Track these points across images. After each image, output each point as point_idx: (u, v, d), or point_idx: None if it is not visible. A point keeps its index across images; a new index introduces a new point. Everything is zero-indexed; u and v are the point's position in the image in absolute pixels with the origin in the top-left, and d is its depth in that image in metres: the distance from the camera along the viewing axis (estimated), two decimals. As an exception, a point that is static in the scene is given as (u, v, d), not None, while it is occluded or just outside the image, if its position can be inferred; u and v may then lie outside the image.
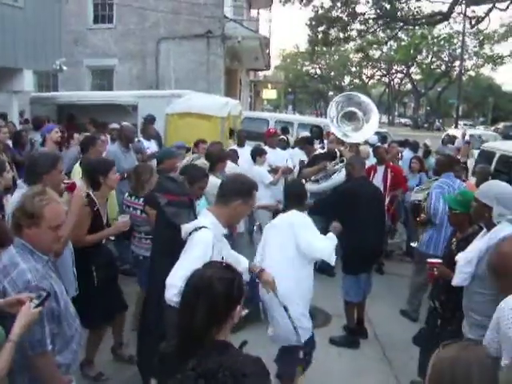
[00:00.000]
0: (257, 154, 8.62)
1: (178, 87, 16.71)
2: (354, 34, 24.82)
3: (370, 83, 68.72)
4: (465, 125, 53.48)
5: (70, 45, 20.05)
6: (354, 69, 63.20)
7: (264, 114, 19.73)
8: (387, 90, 63.92)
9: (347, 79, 67.20)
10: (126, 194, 6.08)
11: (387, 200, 8.68)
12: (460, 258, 4.01)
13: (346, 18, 22.97)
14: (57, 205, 3.10)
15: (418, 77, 59.66)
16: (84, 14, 20.93)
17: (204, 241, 3.48)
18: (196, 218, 4.08)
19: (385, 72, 60.92)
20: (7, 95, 13.56)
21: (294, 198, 5.19)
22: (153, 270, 4.71)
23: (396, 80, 63.88)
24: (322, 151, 9.49)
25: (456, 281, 3.99)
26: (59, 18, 14.84)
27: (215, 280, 2.32)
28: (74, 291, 4.50)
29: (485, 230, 4.00)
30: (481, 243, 3.85)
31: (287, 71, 68.29)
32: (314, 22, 23.64)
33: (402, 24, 24.01)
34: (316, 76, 67.63)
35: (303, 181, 8.16)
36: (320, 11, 23.35)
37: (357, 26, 24.06)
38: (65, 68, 14.87)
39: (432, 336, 4.72)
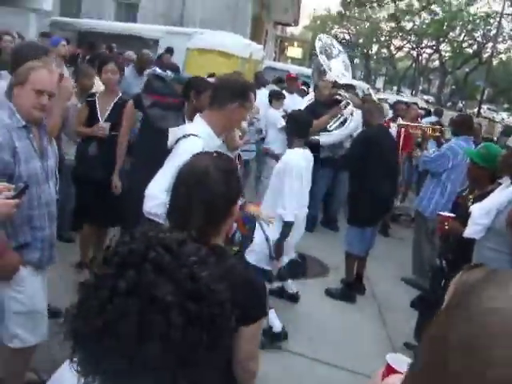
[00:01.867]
0: (274, 97, 8.34)
1: (204, 29, 16.26)
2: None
3: (397, 55, 67.53)
4: (488, 109, 52.69)
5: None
6: (383, 38, 61.87)
7: (286, 66, 19.24)
8: (414, 64, 62.70)
9: (375, 48, 65.94)
10: None
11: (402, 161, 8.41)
12: (475, 208, 3.69)
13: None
14: (46, 72, 3.06)
15: (447, 54, 58.44)
16: None
17: (191, 150, 2.69)
18: (185, 122, 3.77)
19: (414, 45, 59.65)
20: (24, 14, 13.08)
21: (293, 127, 4.96)
22: (133, 182, 4.37)
23: (424, 55, 62.65)
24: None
25: (468, 232, 3.68)
26: None
27: (212, 169, 2.01)
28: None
29: (508, 182, 3.68)
30: (503, 194, 3.54)
31: (315, 32, 67.17)
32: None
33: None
34: (344, 41, 66.47)
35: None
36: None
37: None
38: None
39: (434, 298, 4.46)
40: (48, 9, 13.17)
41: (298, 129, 4.95)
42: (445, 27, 49.58)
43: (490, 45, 45.84)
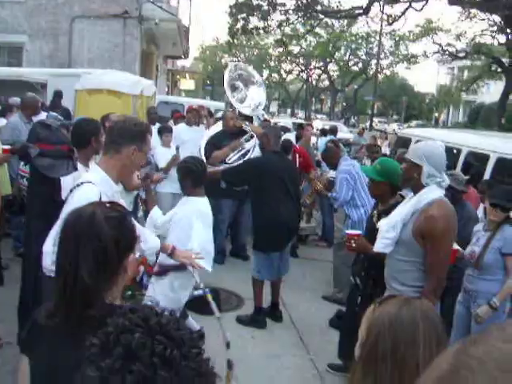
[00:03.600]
0: (162, 133, 8.27)
1: (92, 68, 15.96)
2: (273, 24, 24.69)
3: (288, 79, 69.24)
4: (379, 122, 54.93)
5: (-25, 19, 18.87)
6: (272, 63, 63.37)
7: (179, 99, 19.24)
8: (305, 85, 64.45)
9: (265, 73, 67.34)
10: (21, 164, 5.56)
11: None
12: (382, 224, 3.76)
13: (267, 7, 22.79)
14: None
15: (335, 74, 60.56)
16: (-9, -15, 19.65)
17: (86, 198, 2.58)
18: (77, 170, 3.59)
19: (303, 68, 61.38)
20: None
21: (186, 177, 4.71)
22: (28, 237, 4.14)
23: (314, 76, 64.59)
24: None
25: (377, 246, 3.73)
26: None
27: (99, 217, 1.81)
28: None
29: (410, 195, 3.78)
30: (406, 207, 3.62)
31: (206, 63, 67.75)
32: (234, 10, 23.31)
33: (321, 16, 24.07)
34: (235, 69, 67.33)
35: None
36: (240, -1, 23.05)
37: (277, 16, 23.99)
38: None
39: (352, 315, 4.49)
40: None
41: (195, 179, 4.71)
42: (330, 48, 51.48)
43: (374, 61, 47.94)
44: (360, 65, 56.01)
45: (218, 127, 8.32)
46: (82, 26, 18.80)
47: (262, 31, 25.74)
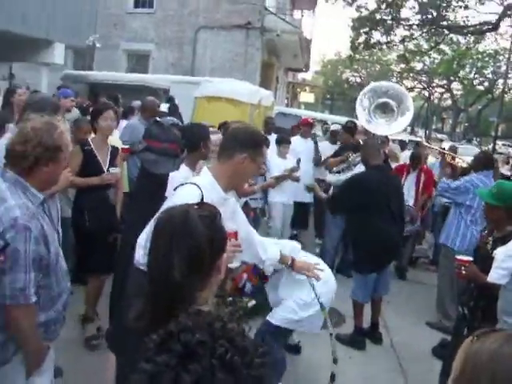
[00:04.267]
0: (280, 144, 8.15)
1: (214, 77, 16.37)
2: (396, 39, 24.21)
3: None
4: (503, 145, 52.38)
5: (109, 28, 19.93)
6: (394, 80, 62.24)
7: (298, 111, 19.21)
8: (426, 104, 62.81)
9: (387, 90, 66.31)
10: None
11: (420, 204, 8.26)
12: (499, 251, 3.48)
13: (390, 22, 22.38)
14: (68, 135, 2.82)
15: (459, 92, 58.55)
16: (125, -3, 20.78)
17: (186, 198, 2.51)
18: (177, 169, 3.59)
19: (425, 85, 59.85)
20: (37, 69, 13.29)
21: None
22: (126, 230, 4.19)
23: (436, 94, 62.83)
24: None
25: (493, 277, 3.45)
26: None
27: (193, 216, 1.76)
28: None
29: None
30: None
31: (326, 77, 67.58)
32: (356, 24, 23.08)
33: (447, 32, 23.28)
34: (355, 84, 66.87)
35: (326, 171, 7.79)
36: (364, 12, 22.76)
37: (400, 31, 23.52)
38: (98, 45, 14.61)
39: (458, 346, 4.21)
40: (60, 62, 13.31)
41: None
42: (454, 66, 49.77)
43: (501, 81, 45.81)
44: (486, 84, 53.77)
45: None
46: (206, 36, 19.38)
47: (384, 46, 25.33)
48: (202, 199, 2.78)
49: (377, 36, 24.14)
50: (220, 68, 18.48)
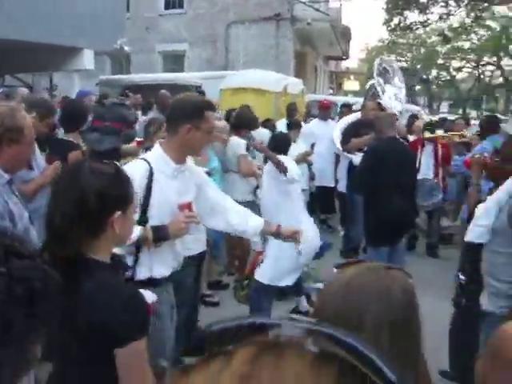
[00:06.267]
0: (290, 129, 7.94)
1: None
2: (434, 18, 23.67)
3: (459, 77, 65.97)
4: (560, 119, 50.42)
5: (142, 31, 20.23)
6: (440, 61, 60.75)
7: (331, 98, 19.04)
8: (477, 83, 61.18)
9: (434, 72, 64.86)
10: None
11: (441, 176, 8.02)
12: (478, 208, 3.32)
13: (425, 0, 21.87)
14: (30, 119, 3.00)
15: (510, 68, 56.74)
16: (155, 0, 21.04)
17: (132, 172, 2.41)
18: None
19: (474, 64, 58.27)
20: (68, 76, 13.67)
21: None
22: None
23: (487, 73, 61.10)
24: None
25: (469, 236, 3.30)
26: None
27: (85, 169, 1.86)
28: None
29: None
30: (502, 189, 3.17)
31: (371, 64, 66.71)
32: (389, 5, 22.63)
33: (486, 4, 22.40)
34: (402, 69, 65.70)
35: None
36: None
37: (437, 9, 22.89)
38: (126, 48, 14.83)
39: (458, 320, 4.08)
40: (90, 68, 13.58)
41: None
42: (504, 41, 48.27)
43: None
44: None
45: (350, 118, 8.19)
46: (237, 31, 19.47)
47: (421, 26, 24.78)
48: (151, 173, 2.84)
49: (413, 17, 23.68)
50: (253, 61, 18.44)
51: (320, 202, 8.85)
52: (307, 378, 0.49)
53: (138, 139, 6.22)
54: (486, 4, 21.57)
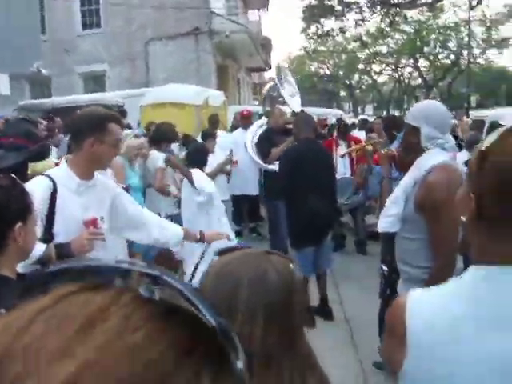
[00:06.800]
0: (205, 139, 7.71)
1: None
2: (350, 24, 24.32)
3: (381, 79, 67.77)
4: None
5: (61, 54, 19.91)
6: (361, 66, 62.24)
7: (254, 108, 19.20)
8: (397, 85, 62.96)
9: (356, 77, 66.40)
10: None
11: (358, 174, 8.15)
12: (387, 200, 3.38)
13: (340, 7, 22.41)
14: None
15: (426, 69, 58.65)
16: (72, 21, 20.72)
17: (33, 188, 2.45)
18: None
19: (393, 67, 59.95)
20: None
21: None
22: None
23: (406, 74, 62.97)
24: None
25: (381, 226, 3.36)
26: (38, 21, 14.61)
27: None
28: None
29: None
30: (407, 178, 3.24)
31: (295, 73, 67.62)
32: (306, 14, 23.10)
33: (397, 9, 23.19)
34: (325, 76, 66.89)
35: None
36: (313, 1, 22.73)
37: (353, 15, 23.55)
38: (44, 71, 14.54)
39: (384, 310, 4.14)
40: (6, 93, 13.22)
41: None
42: (418, 43, 49.98)
43: (466, 52, 46.01)
44: (452, 57, 53.93)
45: (256, 126, 8.34)
46: (156, 48, 19.45)
47: (338, 32, 25.40)
48: (55, 188, 2.80)
49: (330, 24, 24.24)
50: (174, 77, 18.36)
51: (245, 211, 8.89)
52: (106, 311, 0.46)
53: (56, 161, 6.11)
54: (397, 9, 22.29)
